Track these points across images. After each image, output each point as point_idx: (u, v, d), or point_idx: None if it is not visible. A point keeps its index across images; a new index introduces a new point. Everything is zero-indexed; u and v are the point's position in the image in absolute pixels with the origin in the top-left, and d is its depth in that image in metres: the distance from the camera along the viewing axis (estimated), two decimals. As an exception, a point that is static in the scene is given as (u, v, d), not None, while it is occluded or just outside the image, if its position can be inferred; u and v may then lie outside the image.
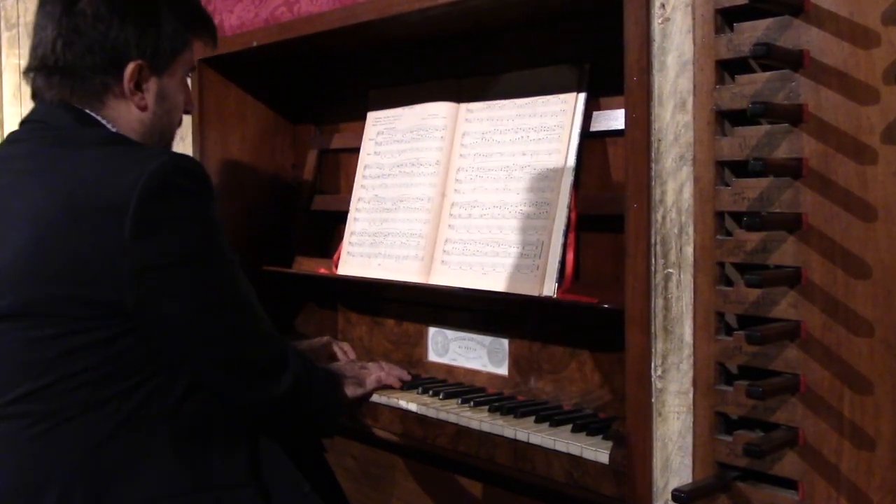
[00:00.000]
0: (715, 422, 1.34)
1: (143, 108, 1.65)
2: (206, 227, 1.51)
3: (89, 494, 1.45)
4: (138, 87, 1.63)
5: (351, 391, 1.87)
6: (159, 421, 1.49)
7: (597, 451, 1.57)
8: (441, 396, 1.94)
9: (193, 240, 1.48)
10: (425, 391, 1.99)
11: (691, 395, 1.37)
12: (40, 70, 1.63)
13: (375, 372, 1.97)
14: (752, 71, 1.31)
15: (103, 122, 1.62)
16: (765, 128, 1.28)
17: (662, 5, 1.39)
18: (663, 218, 1.39)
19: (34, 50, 1.64)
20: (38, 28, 1.64)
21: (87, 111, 1.61)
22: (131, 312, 1.45)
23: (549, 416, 1.75)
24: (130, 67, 1.61)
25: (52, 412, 1.46)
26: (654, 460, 1.42)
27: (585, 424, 1.69)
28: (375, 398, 1.97)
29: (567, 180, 1.89)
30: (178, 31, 1.68)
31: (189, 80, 1.78)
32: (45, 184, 1.50)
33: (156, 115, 1.68)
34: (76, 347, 1.45)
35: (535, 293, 1.88)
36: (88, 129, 1.60)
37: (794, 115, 1.23)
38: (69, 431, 1.46)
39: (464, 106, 2.17)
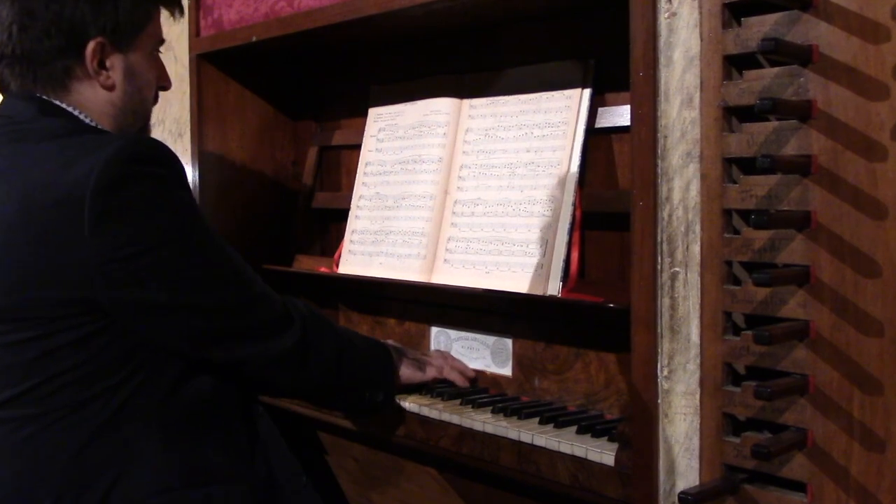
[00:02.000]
0: (722, 423, 1.34)
1: (111, 88, 1.62)
2: (168, 210, 1.48)
3: (79, 492, 1.45)
4: (102, 65, 1.61)
5: (409, 372, 1.90)
6: (147, 417, 1.49)
7: (602, 453, 1.57)
8: (444, 397, 1.94)
9: (155, 226, 1.46)
10: (427, 392, 1.99)
11: (698, 396, 1.37)
12: (1, 60, 1.60)
13: (436, 361, 1.98)
14: (760, 66, 1.31)
15: (70, 109, 1.60)
16: (773, 124, 1.28)
17: (669, 0, 1.39)
18: (670, 216, 1.39)
19: None
20: None
21: (53, 100, 1.59)
22: (104, 307, 1.44)
23: (554, 417, 1.76)
24: (91, 46, 1.58)
25: (36, 416, 1.46)
26: (661, 462, 1.42)
27: (590, 426, 1.69)
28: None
29: (572, 177, 1.90)
30: (137, 3, 1.64)
31: (161, 56, 1.75)
32: (5, 184, 1.48)
33: (126, 94, 1.65)
34: (53, 349, 1.45)
35: (540, 292, 1.88)
36: (50, 120, 1.57)
37: (803, 112, 1.23)
38: (55, 433, 1.46)
39: (467, 102, 2.17)
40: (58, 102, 1.59)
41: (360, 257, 2.29)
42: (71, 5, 1.56)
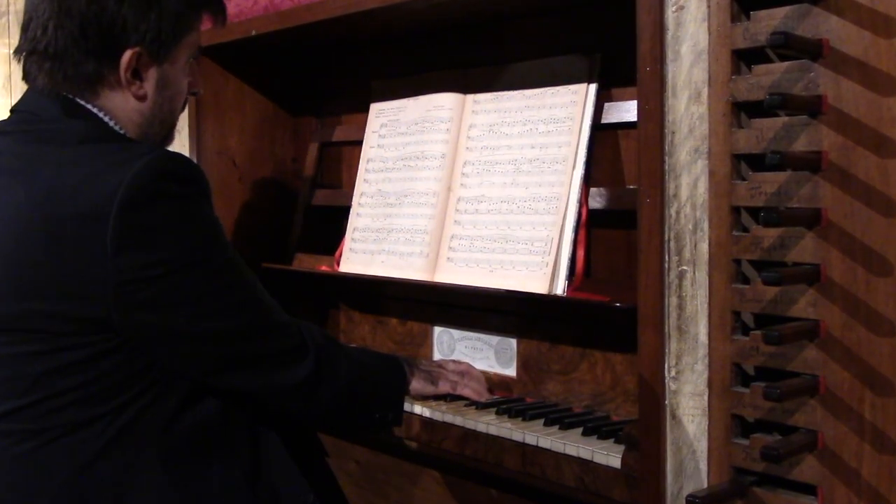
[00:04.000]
0: (731, 425, 1.34)
1: (142, 98, 1.60)
2: (194, 231, 1.47)
3: None
4: (136, 76, 1.58)
5: (419, 385, 1.87)
6: (149, 441, 1.48)
7: (608, 456, 1.57)
8: (447, 399, 1.94)
9: (179, 248, 1.45)
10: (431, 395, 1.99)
11: (706, 397, 1.37)
12: (31, 53, 1.57)
13: (452, 375, 1.95)
14: (770, 61, 1.31)
15: (95, 112, 1.57)
16: (782, 120, 1.28)
17: (676, -7, 1.39)
18: (677, 213, 1.40)
19: (25, 30, 1.58)
20: (31, 6, 1.57)
21: (79, 101, 1.56)
22: (118, 328, 1.43)
23: (559, 418, 1.76)
24: (127, 55, 1.55)
25: (37, 431, 1.45)
26: (668, 465, 1.42)
27: (596, 427, 1.69)
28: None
29: (577, 174, 1.90)
30: (181, 11, 1.60)
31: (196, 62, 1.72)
32: (25, 186, 1.46)
33: (156, 105, 1.62)
34: (61, 365, 1.44)
35: (545, 291, 1.88)
36: (75, 121, 1.54)
37: (813, 107, 1.23)
38: (55, 451, 1.45)
39: (470, 97, 2.17)
40: (83, 103, 1.57)
41: (361, 256, 2.30)
42: (112, 8, 1.53)
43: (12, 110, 1.62)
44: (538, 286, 1.89)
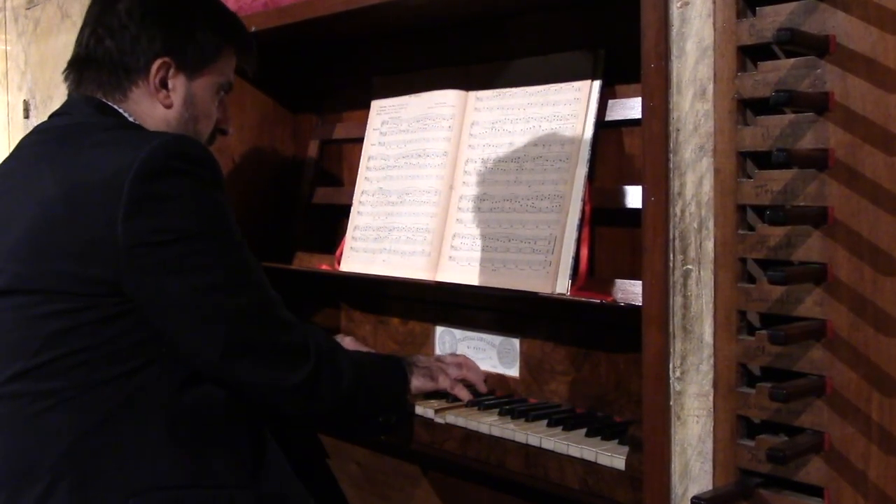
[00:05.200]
0: (736, 426, 1.34)
1: (168, 106, 1.73)
2: (202, 207, 1.55)
3: (78, 477, 1.49)
4: (164, 84, 1.72)
5: (419, 383, 1.90)
6: (157, 410, 1.53)
7: (612, 457, 1.57)
8: (449, 399, 1.94)
9: (188, 219, 1.53)
10: (432, 394, 1.99)
11: (711, 398, 1.37)
12: (74, 65, 1.74)
13: (451, 370, 1.97)
14: (776, 57, 1.31)
15: (125, 114, 1.71)
16: (789, 117, 1.28)
17: (681, -12, 1.39)
18: (682, 212, 1.40)
19: (74, 50, 1.76)
20: (81, 28, 1.76)
21: (110, 103, 1.71)
22: (127, 292, 1.50)
23: (562, 419, 1.76)
24: (157, 63, 1.71)
25: (46, 392, 1.51)
26: (673, 466, 1.42)
27: (600, 428, 1.69)
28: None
29: (581, 172, 1.90)
30: (210, 39, 1.77)
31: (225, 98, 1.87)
32: (51, 167, 1.58)
33: (182, 118, 1.76)
34: (71, 327, 1.50)
35: (548, 291, 1.88)
36: (104, 117, 1.68)
37: (820, 104, 1.23)
38: (63, 413, 1.51)
39: (473, 94, 2.17)
40: (114, 106, 1.71)
41: (362, 254, 2.30)
42: (147, 28, 1.70)
43: (52, 115, 1.77)
44: (541, 285, 1.89)
